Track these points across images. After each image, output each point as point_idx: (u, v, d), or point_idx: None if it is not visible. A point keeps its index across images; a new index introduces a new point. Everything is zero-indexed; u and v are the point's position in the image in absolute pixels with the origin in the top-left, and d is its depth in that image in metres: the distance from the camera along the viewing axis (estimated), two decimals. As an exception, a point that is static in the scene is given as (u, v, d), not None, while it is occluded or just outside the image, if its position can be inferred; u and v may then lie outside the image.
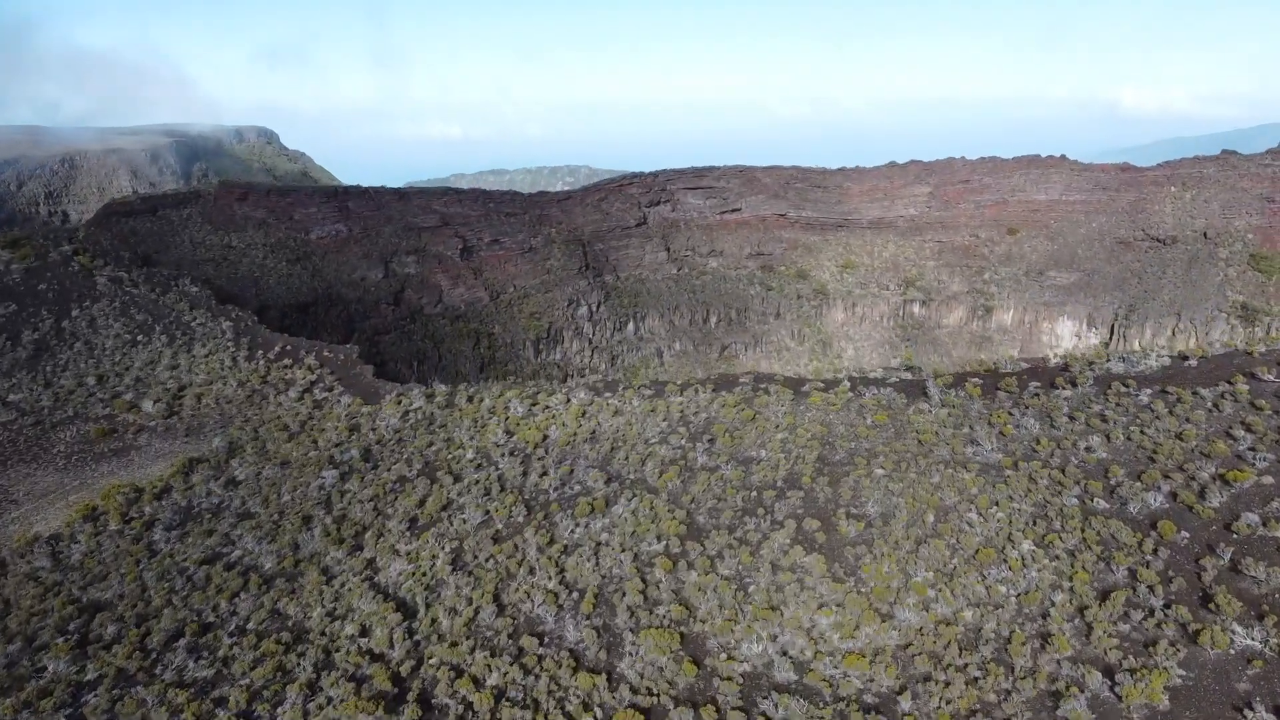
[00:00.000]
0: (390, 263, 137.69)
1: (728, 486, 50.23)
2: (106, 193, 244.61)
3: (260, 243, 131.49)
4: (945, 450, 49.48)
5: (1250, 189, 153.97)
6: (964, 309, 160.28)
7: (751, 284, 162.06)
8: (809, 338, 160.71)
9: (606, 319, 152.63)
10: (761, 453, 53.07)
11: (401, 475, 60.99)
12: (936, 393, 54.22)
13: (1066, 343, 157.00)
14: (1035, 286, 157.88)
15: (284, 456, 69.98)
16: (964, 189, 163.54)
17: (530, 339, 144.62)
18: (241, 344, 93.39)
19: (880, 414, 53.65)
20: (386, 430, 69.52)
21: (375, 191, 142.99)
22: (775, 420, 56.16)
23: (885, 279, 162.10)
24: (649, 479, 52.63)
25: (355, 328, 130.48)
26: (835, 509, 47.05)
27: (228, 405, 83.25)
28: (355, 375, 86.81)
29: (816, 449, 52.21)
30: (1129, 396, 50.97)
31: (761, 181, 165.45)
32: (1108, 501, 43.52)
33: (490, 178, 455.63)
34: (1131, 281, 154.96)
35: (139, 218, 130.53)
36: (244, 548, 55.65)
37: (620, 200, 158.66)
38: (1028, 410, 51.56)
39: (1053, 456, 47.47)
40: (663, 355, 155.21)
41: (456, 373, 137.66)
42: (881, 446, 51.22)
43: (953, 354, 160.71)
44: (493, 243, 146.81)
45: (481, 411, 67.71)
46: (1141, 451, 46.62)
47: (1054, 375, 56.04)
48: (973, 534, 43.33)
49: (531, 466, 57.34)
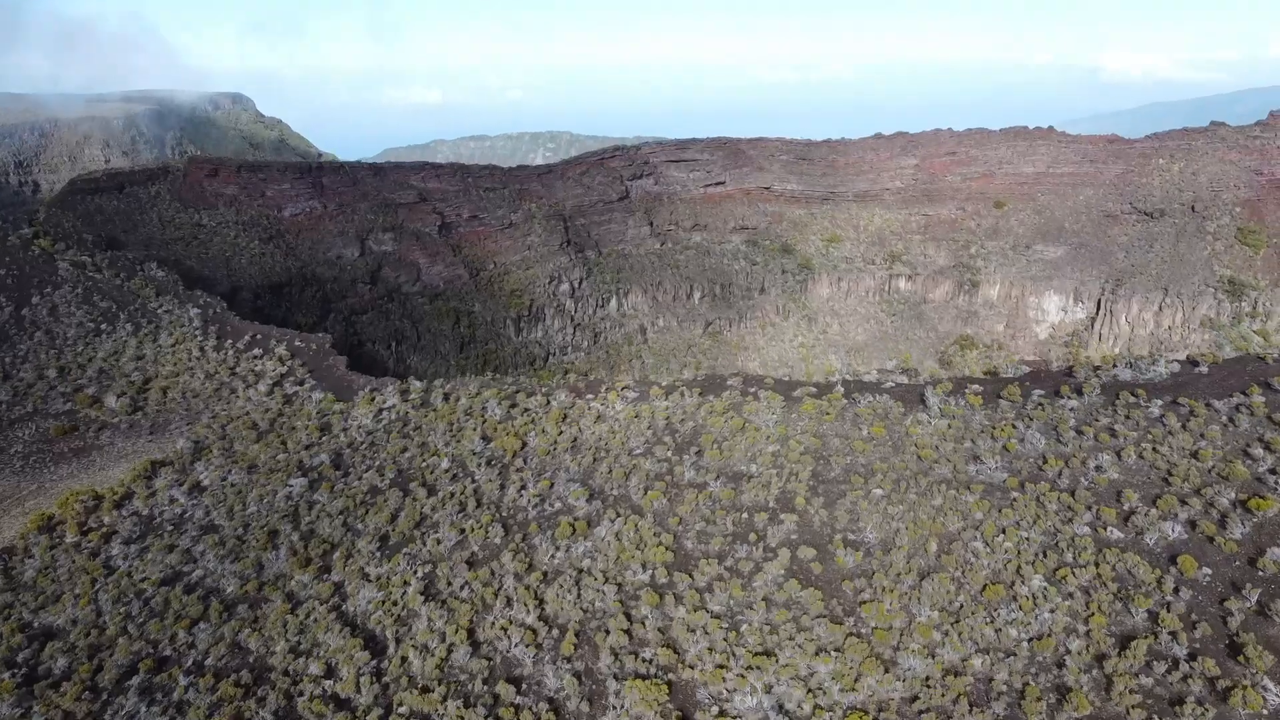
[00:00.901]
0: (366, 240, 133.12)
1: (717, 507, 46.93)
2: (78, 162, 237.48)
3: (232, 221, 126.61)
4: (946, 468, 46.29)
5: (1239, 161, 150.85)
6: (950, 283, 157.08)
7: (736, 259, 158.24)
8: (794, 312, 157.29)
9: (589, 296, 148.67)
10: (752, 467, 49.75)
11: (373, 485, 57.42)
12: (935, 402, 50.95)
13: (1053, 317, 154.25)
14: (1022, 260, 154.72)
15: (251, 459, 66.30)
16: (950, 161, 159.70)
17: (511, 317, 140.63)
18: (210, 333, 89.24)
19: (877, 425, 50.36)
20: (358, 432, 65.84)
21: (350, 167, 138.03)
22: (766, 430, 52.79)
23: (871, 253, 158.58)
24: (633, 496, 49.26)
25: (331, 308, 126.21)
26: (831, 535, 43.83)
27: (194, 399, 79.39)
28: (328, 367, 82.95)
29: (810, 464, 48.92)
30: (1139, 408, 47.82)
31: (746, 154, 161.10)
32: (1122, 530, 40.43)
33: (471, 144, 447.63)
34: (1118, 255, 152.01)
35: (105, 195, 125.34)
36: (205, 567, 52.13)
37: (602, 174, 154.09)
38: (1032, 422, 48.36)
39: (1061, 477, 44.32)
40: (646, 332, 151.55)
41: (436, 352, 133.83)
42: (879, 463, 47.96)
43: (938, 328, 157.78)
44: (472, 218, 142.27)
45: (458, 413, 64.06)
46: (1155, 472, 43.53)
47: (1058, 382, 52.80)
48: (979, 566, 40.21)
49: (509, 479, 53.84)
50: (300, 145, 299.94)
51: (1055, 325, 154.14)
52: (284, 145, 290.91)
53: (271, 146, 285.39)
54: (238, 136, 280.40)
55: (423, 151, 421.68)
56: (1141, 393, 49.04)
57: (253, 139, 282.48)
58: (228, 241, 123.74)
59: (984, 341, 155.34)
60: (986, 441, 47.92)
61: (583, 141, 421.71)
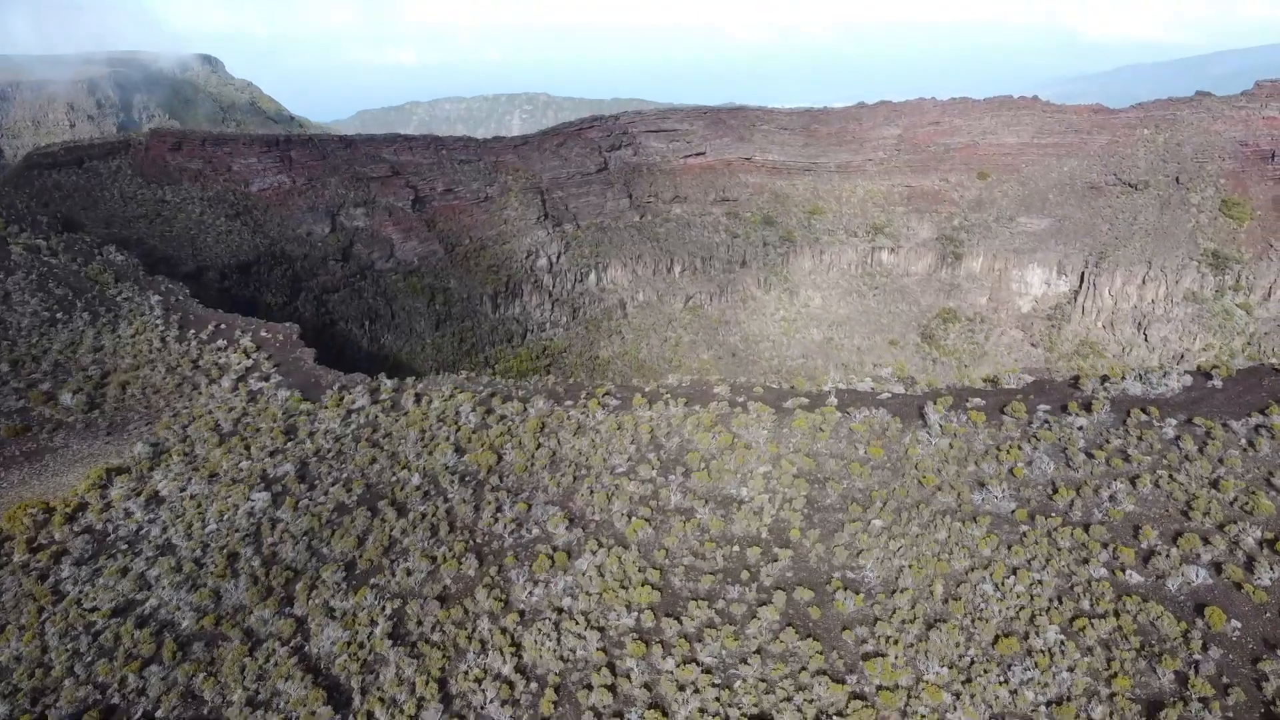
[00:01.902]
0: (337, 216, 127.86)
1: (706, 538, 43.46)
2: (42, 126, 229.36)
3: (196, 197, 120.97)
4: (950, 496, 42.96)
5: (1223, 132, 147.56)
6: (933, 256, 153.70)
7: (717, 231, 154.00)
8: (775, 286, 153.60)
9: (567, 271, 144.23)
10: (743, 491, 46.26)
11: (340, 502, 53.57)
12: (936, 419, 47.50)
13: (1036, 290, 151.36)
14: (1005, 233, 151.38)
15: (213, 467, 62.22)
16: (934, 131, 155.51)
17: (488, 293, 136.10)
18: (171, 322, 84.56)
19: (874, 445, 46.90)
20: (325, 438, 61.80)
21: (320, 139, 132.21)
22: (756, 448, 49.25)
23: (854, 225, 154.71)
24: (616, 523, 45.68)
25: (301, 287, 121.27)
26: (829, 574, 40.49)
27: (155, 396, 75.03)
28: (295, 361, 78.64)
29: (804, 488, 45.47)
30: (1151, 428, 44.58)
31: (726, 124, 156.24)
32: (1141, 573, 37.28)
33: (447, 105, 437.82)
34: (1102, 228, 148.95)
35: (64, 170, 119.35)
36: (160, 595, 48.27)
37: (580, 145, 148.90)
38: (1039, 443, 45.05)
39: (1073, 508, 41.06)
40: (626, 307, 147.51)
41: (410, 330, 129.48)
42: (878, 489, 44.58)
43: (920, 302, 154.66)
44: (446, 192, 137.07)
45: (430, 419, 60.13)
46: (1173, 504, 40.37)
47: (1065, 396, 49.45)
48: (989, 613, 37.00)
49: (484, 499, 50.14)
50: (272, 108, 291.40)
51: (1038, 298, 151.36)
52: (255, 108, 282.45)
53: (242, 110, 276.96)
54: (208, 99, 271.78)
55: (397, 114, 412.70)
56: (1154, 411, 45.72)
57: (223, 102, 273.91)
58: (192, 219, 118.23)
59: (966, 315, 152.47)
60: (991, 465, 44.56)
61: (559, 104, 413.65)
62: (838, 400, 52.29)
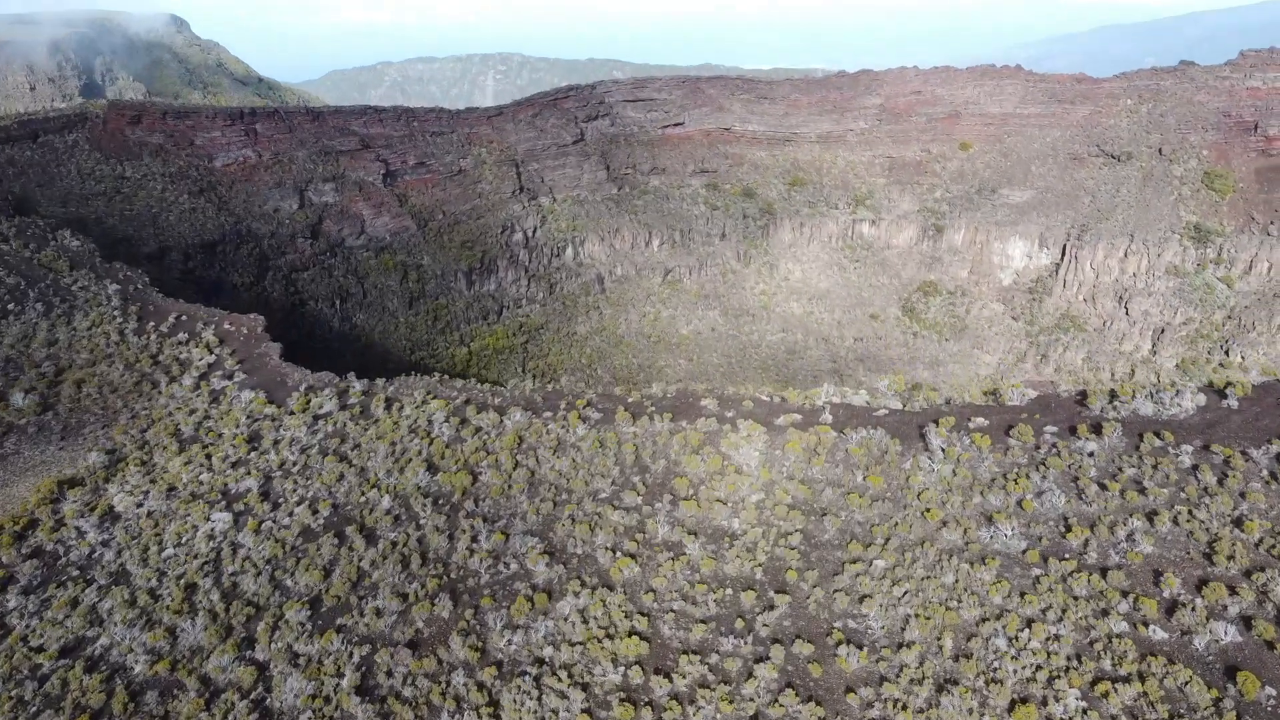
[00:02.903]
0: (306, 191, 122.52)
1: (697, 579, 40.23)
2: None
3: (158, 173, 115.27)
4: (956, 533, 39.89)
5: (1207, 103, 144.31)
6: (914, 228, 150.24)
7: (696, 203, 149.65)
8: (755, 259, 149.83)
9: (543, 245, 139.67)
10: (734, 523, 43.01)
11: (305, 526, 49.95)
12: (938, 443, 44.32)
13: (1017, 263, 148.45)
14: (987, 205, 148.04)
15: (172, 479, 58.44)
16: (915, 100, 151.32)
17: (462, 270, 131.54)
18: (130, 313, 79.96)
19: (874, 473, 43.69)
20: (291, 449, 58.01)
21: (286, 111, 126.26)
22: (748, 473, 45.97)
23: (834, 197, 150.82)
24: (600, 559, 42.33)
25: (269, 266, 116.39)
26: (830, 623, 37.40)
27: (112, 395, 70.69)
28: (260, 356, 74.33)
29: (800, 521, 42.28)
30: (1167, 456, 41.62)
31: (705, 93, 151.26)
32: (1165, 628, 34.41)
33: (419, 66, 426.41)
34: (1084, 200, 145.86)
35: (17, 145, 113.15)
36: (113, 633, 44.69)
37: (555, 115, 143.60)
38: (1048, 472, 41.99)
39: (1088, 549, 38.08)
40: (603, 282, 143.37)
41: (383, 309, 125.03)
42: (879, 524, 41.44)
43: (902, 275, 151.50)
44: (418, 165, 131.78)
45: (401, 430, 56.38)
46: (1195, 545, 37.49)
47: (1072, 413, 46.37)
48: (1004, 673, 34.05)
49: (459, 526, 46.62)
50: (240, 70, 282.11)
51: (1019, 271, 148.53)
52: (222, 70, 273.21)
53: (210, 71, 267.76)
54: (173, 61, 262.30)
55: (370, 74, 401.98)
56: (1169, 436, 42.71)
57: (187, 63, 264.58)
58: (154, 196, 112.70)
59: (947, 288, 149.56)
60: (999, 496, 41.46)
61: (534, 64, 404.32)
62: (832, 417, 48.95)
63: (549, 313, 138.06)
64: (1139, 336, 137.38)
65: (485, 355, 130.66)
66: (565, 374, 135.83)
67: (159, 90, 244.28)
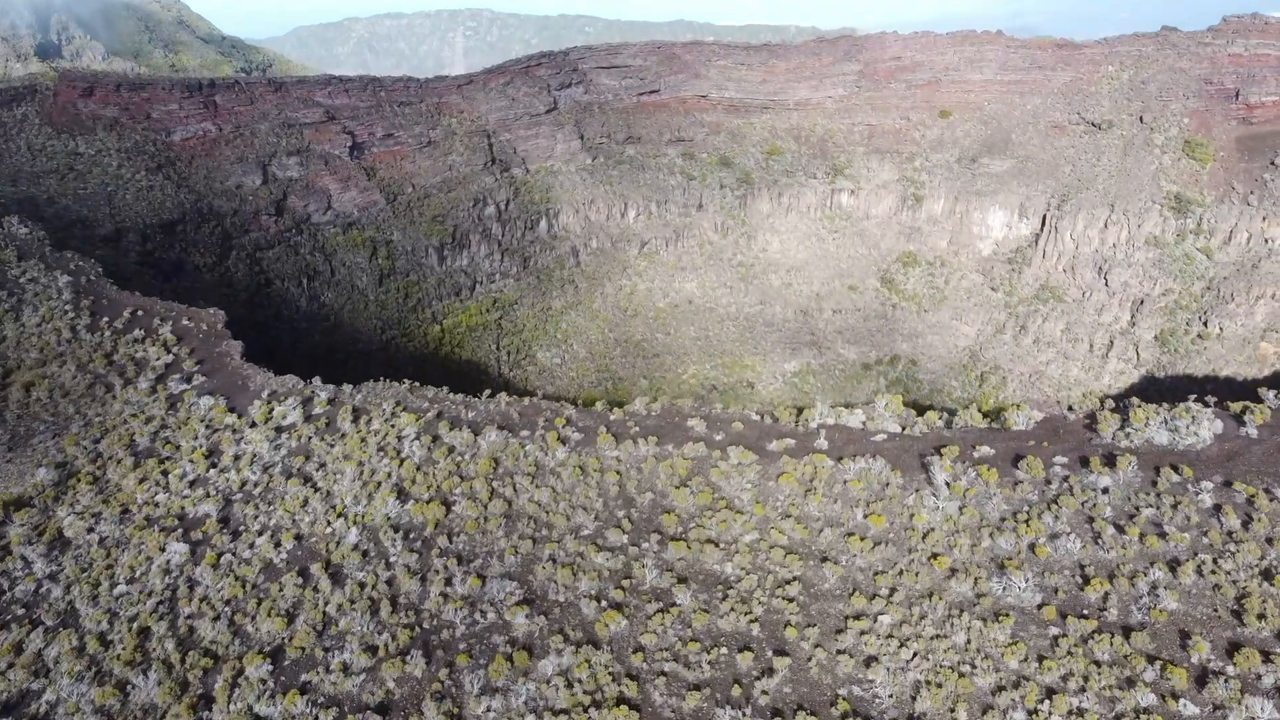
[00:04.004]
0: (269, 166, 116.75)
1: (689, 635, 36.95)
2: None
3: (113, 148, 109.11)
4: (966, 584, 36.81)
5: (1188, 69, 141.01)
6: (893, 198, 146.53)
7: (672, 173, 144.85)
8: (733, 230, 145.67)
9: (516, 218, 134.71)
10: (728, 567, 39.70)
11: (267, 560, 46.19)
12: (942, 477, 41.12)
13: (997, 233, 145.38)
14: (967, 174, 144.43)
15: (126, 500, 54.52)
16: (895, 67, 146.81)
17: (433, 245, 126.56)
18: (83, 308, 74.97)
19: (875, 512, 40.44)
20: (252, 467, 54.04)
21: (247, 83, 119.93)
22: (740, 507, 42.62)
23: (813, 166, 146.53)
24: (584, 609, 38.89)
25: (232, 245, 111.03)
26: (835, 690, 34.28)
27: (63, 400, 66.21)
28: (220, 356, 69.88)
29: (798, 566, 39.04)
30: (1186, 495, 38.67)
31: (682, 59, 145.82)
32: (1196, 702, 31.53)
33: (387, 22, 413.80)
34: (1065, 169, 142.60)
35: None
36: (59, 688, 41.05)
37: (527, 84, 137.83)
38: (1061, 511, 38.92)
39: (1108, 604, 35.09)
40: (579, 255, 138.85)
41: (352, 287, 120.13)
42: (882, 571, 38.28)
43: (881, 245, 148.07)
44: (386, 137, 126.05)
45: (370, 448, 52.47)
46: (1222, 600, 34.64)
47: (1081, 440, 43.28)
48: (1023, 751, 31.20)
49: (431, 566, 43.01)
50: (202, 28, 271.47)
51: (999, 242, 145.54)
52: (184, 27, 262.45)
53: (170, 28, 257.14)
54: (132, 18, 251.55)
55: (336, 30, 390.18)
56: (1187, 471, 39.70)
57: (149, 20, 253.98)
58: (109, 173, 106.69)
59: (926, 259, 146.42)
60: (1009, 540, 38.35)
61: (504, 20, 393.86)
62: (828, 443, 45.57)
63: (523, 287, 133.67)
64: (1118, 308, 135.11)
65: (458, 333, 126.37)
66: (540, 349, 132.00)
67: (119, 50, 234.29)
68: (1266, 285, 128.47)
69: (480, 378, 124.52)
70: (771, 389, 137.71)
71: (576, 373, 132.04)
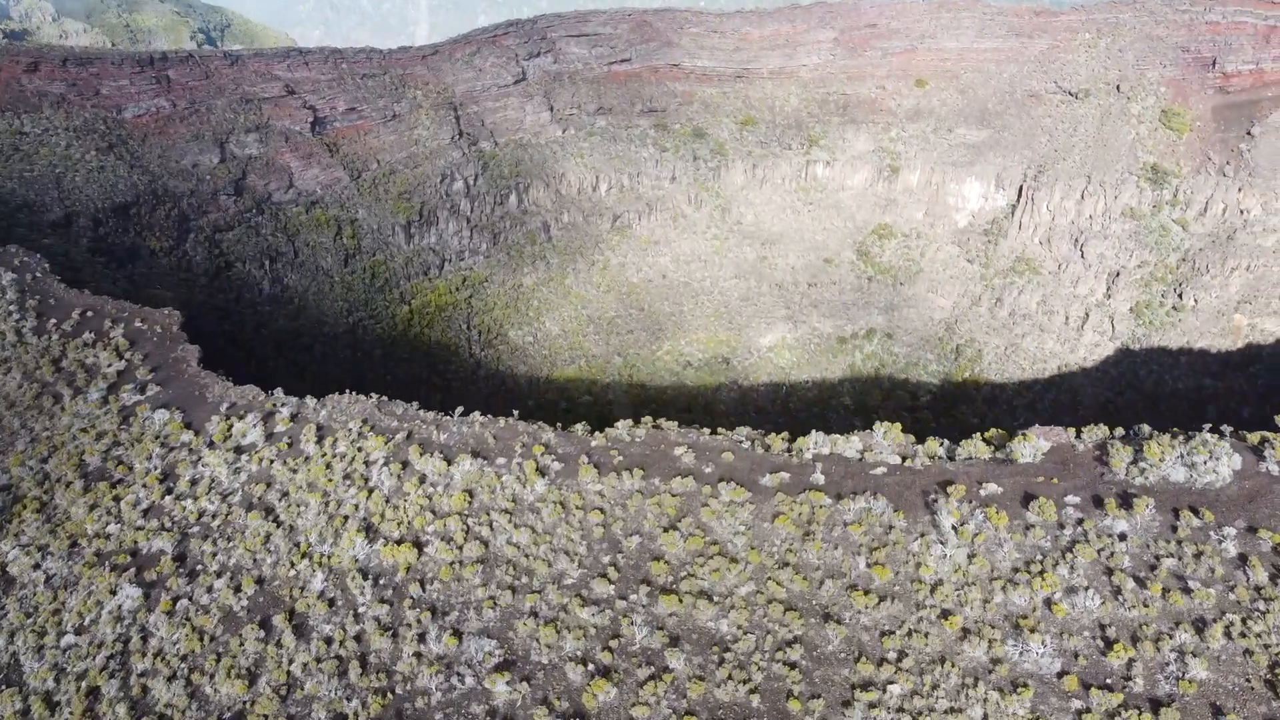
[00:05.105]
0: (227, 144, 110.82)
1: (684, 708, 33.91)
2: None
3: (61, 127, 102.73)
4: (980, 647, 33.97)
5: (1166, 37, 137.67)
6: (869, 169, 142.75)
7: (644, 144, 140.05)
8: (707, 203, 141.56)
9: (485, 193, 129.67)
10: (722, 625, 36.58)
11: (227, 609, 42.55)
12: (948, 522, 38.15)
13: (973, 204, 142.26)
14: (943, 145, 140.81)
15: (75, 530, 50.75)
16: (870, 34, 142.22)
17: (400, 223, 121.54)
18: (28, 309, 70.15)
19: (879, 562, 37.41)
20: (210, 497, 50.14)
21: (202, 56, 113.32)
22: (734, 553, 39.44)
23: (787, 137, 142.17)
24: (569, 675, 35.66)
25: (190, 227, 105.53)
26: (843, 773, 31.54)
27: (9, 413, 61.86)
28: (176, 362, 65.52)
29: (798, 625, 36.00)
30: (1209, 542, 35.98)
31: (653, 26, 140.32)
32: (1234, 787, 29.16)
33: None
34: (1041, 139, 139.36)
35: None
36: (1, 760, 37.47)
37: (495, 53, 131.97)
38: (1076, 560, 36.12)
39: (1133, 673, 32.35)
40: (550, 229, 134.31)
41: (317, 268, 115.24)
42: (890, 632, 35.31)
43: (856, 217, 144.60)
44: (349, 111, 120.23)
45: (335, 475, 48.65)
46: (1253, 668, 32.05)
47: (1092, 475, 40.39)
48: (1050, 847, 28.57)
49: (403, 619, 39.54)
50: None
51: (975, 213, 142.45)
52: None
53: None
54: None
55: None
56: (1208, 516, 36.96)
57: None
58: (57, 154, 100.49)
59: (902, 230, 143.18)
60: (1024, 595, 35.47)
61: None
62: (824, 477, 42.37)
63: (493, 264, 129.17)
64: (1094, 280, 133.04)
65: (427, 313, 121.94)
66: (511, 328, 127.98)
67: (70, 10, 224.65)
68: (1241, 257, 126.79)
69: (451, 359, 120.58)
70: (747, 364, 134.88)
71: (549, 351, 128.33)
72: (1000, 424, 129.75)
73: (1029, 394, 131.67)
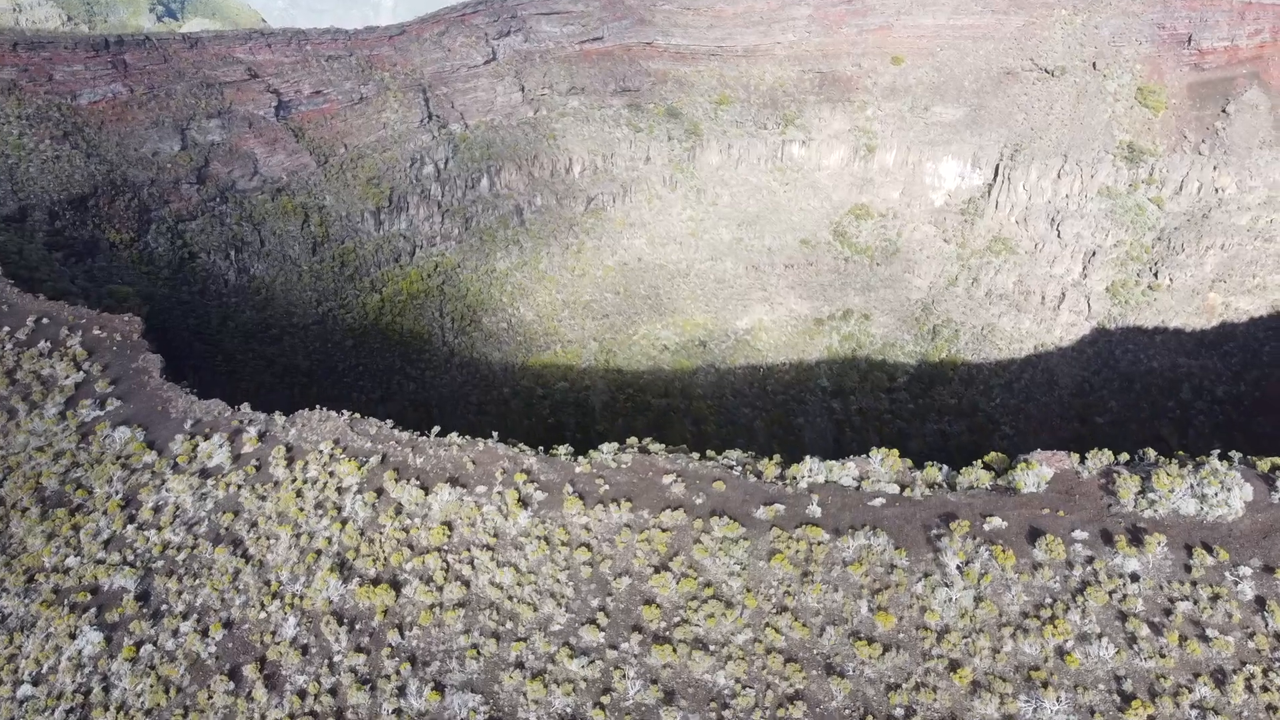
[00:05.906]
0: (188, 130, 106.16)
1: (681, 771, 31.92)
2: None
3: (13, 115, 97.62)
4: (992, 704, 32.08)
5: (1142, 14, 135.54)
6: (845, 149, 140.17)
7: (618, 125, 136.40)
8: (682, 184, 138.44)
9: (456, 177, 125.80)
10: (719, 678, 34.46)
11: (194, 656, 39.94)
12: (954, 563, 36.18)
13: (949, 184, 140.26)
14: (920, 124, 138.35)
15: (32, 562, 47.82)
16: (846, 10, 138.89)
17: (369, 209, 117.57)
18: (-20, 316, 66.50)
19: (882, 606, 35.41)
20: (174, 528, 47.29)
21: (160, 40, 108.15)
22: (730, 596, 37.28)
23: (763, 116, 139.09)
24: (558, 731, 33.60)
25: (151, 218, 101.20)
26: (852, 846, 29.65)
27: (-39, 430, 58.36)
28: (137, 373, 62.04)
29: (799, 679, 33.92)
30: (1224, 584, 34.28)
31: (626, 3, 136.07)
32: None
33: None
34: (1018, 117, 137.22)
35: None
36: (-46, 830, 34.83)
37: (464, 33, 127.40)
38: (1087, 605, 34.30)
39: (1151, 726, 30.83)
40: (523, 213, 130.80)
41: (284, 257, 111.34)
42: (896, 686, 33.33)
43: (833, 197, 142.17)
44: (314, 95, 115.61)
45: (307, 504, 45.91)
46: None
47: (1099, 507, 38.52)
48: None
49: (381, 669, 37.10)
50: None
51: (951, 193, 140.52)
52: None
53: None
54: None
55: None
56: (1222, 554, 35.24)
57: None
58: (10, 143, 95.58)
59: (879, 210, 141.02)
60: (1034, 644, 33.59)
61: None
62: (821, 509, 40.21)
63: (465, 250, 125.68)
64: (1070, 259, 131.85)
65: (399, 301, 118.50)
66: (485, 315, 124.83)
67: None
68: (1216, 235, 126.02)
69: (424, 348, 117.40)
70: (724, 347, 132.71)
71: (524, 337, 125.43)
72: (976, 404, 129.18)
73: (1005, 374, 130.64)
